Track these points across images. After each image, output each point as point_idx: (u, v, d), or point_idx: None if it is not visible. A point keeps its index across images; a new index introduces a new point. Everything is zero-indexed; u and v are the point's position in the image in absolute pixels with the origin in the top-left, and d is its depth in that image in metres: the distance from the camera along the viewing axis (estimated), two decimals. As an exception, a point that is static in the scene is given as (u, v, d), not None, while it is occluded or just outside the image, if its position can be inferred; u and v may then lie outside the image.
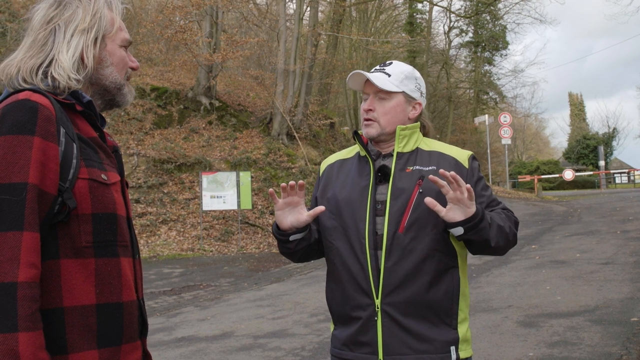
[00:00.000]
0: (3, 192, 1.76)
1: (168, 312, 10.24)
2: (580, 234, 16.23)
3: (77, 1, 2.09)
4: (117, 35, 2.16)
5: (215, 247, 17.93)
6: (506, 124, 36.09)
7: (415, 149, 2.72)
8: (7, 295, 1.68)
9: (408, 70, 2.79)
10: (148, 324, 2.17)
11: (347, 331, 2.66)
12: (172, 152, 21.26)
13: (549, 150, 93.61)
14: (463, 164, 2.68)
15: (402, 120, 2.73)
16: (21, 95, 1.88)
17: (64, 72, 2.00)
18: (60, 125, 1.91)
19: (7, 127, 1.82)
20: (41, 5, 2.11)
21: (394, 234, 2.56)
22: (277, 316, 9.28)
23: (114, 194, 2.02)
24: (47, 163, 1.83)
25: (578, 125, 79.70)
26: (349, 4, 35.05)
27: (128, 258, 2.07)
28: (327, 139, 28.20)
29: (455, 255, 2.63)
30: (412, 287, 2.53)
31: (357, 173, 2.74)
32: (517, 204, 26.20)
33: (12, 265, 1.70)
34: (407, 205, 2.57)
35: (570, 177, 40.73)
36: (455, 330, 2.60)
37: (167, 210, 19.27)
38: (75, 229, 1.89)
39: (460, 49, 52.85)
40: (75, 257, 1.89)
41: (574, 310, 8.19)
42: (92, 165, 1.98)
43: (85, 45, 2.06)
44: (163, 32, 24.74)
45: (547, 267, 11.59)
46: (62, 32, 2.05)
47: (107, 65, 2.13)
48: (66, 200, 1.87)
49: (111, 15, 2.14)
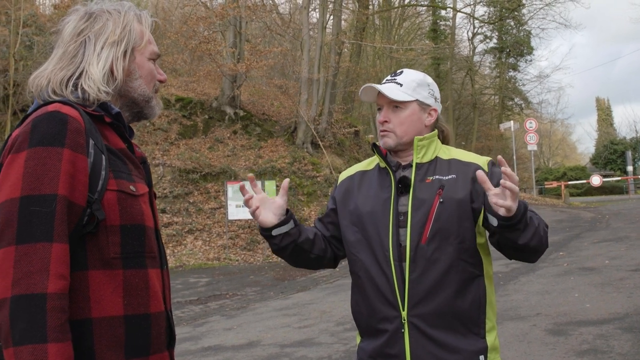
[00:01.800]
0: (33, 203, 1.77)
1: (194, 321, 10.27)
2: (609, 240, 16.03)
3: (107, 14, 2.11)
4: (146, 48, 2.18)
5: (241, 256, 17.95)
6: (532, 129, 35.86)
7: (434, 159, 2.71)
8: (36, 306, 1.68)
9: (419, 78, 2.77)
10: (176, 335, 2.18)
11: (374, 343, 2.64)
12: (198, 161, 21.34)
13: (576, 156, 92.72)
14: (483, 168, 2.64)
15: (418, 128, 2.72)
16: (51, 107, 1.90)
17: (94, 84, 2.02)
18: (90, 137, 1.93)
19: (37, 139, 1.83)
20: (71, 17, 2.13)
21: (417, 245, 2.55)
22: (304, 325, 9.26)
23: (142, 205, 2.04)
24: (76, 175, 1.85)
25: (605, 130, 78.92)
26: (372, 12, 35.11)
27: (156, 269, 2.08)
28: (351, 147, 28.16)
29: (480, 263, 2.62)
30: (438, 298, 2.52)
31: (379, 185, 2.73)
32: (544, 211, 25.96)
33: (41, 276, 1.71)
34: (428, 215, 2.56)
35: (598, 183, 40.34)
36: (483, 340, 2.58)
37: (193, 219, 19.33)
38: (103, 240, 1.90)
39: (484, 55, 52.65)
40: (104, 269, 1.90)
41: (604, 317, 8.08)
42: (121, 176, 1.99)
43: (115, 58, 2.08)
44: (187, 43, 24.88)
45: (576, 274, 11.45)
46: (92, 45, 2.07)
47: (135, 78, 2.15)
48: (95, 212, 1.88)
49: (140, 29, 2.17)
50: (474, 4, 45.88)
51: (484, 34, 50.41)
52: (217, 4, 27.53)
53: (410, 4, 42.61)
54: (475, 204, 2.57)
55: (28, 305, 1.68)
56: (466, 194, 2.58)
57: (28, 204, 1.77)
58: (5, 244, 1.74)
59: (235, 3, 23.89)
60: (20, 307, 1.68)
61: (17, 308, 1.68)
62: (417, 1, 43.32)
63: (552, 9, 49.24)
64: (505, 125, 39.33)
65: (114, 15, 2.12)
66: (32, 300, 1.68)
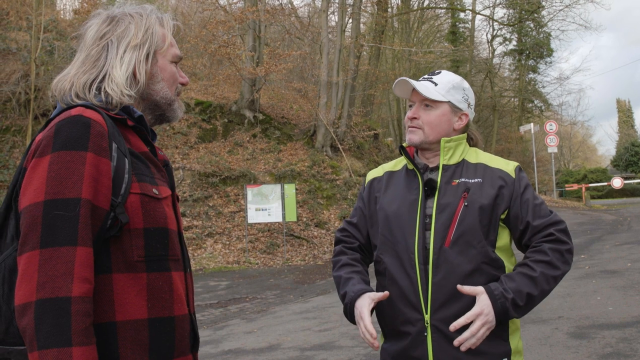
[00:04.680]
0: (57, 207, 1.78)
1: (215, 324, 10.29)
2: (630, 242, 15.87)
3: (129, 17, 2.12)
4: (168, 51, 2.18)
5: (260, 260, 17.98)
6: (552, 132, 35.67)
7: (461, 161, 2.70)
8: (61, 309, 1.69)
9: (456, 81, 2.76)
10: (199, 338, 2.17)
11: (397, 345, 2.64)
12: (217, 165, 21.42)
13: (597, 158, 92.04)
14: (510, 174, 2.64)
15: (446, 130, 2.71)
16: (74, 111, 1.91)
17: (117, 87, 2.03)
18: (113, 141, 1.93)
19: (60, 143, 1.84)
20: (94, 21, 2.13)
21: (440, 248, 2.54)
22: (324, 328, 9.25)
23: (165, 208, 2.04)
24: (99, 178, 1.86)
25: (626, 132, 78.35)
26: (390, 15, 35.05)
27: (179, 272, 2.08)
28: (371, 150, 28.16)
29: (503, 267, 2.60)
30: (461, 302, 2.50)
31: (406, 187, 2.72)
32: (565, 213, 25.80)
33: (65, 280, 1.72)
34: (452, 219, 2.55)
35: (619, 185, 39.95)
36: (506, 342, 2.57)
37: (213, 223, 19.39)
38: (127, 243, 1.91)
39: (504, 57, 52.41)
40: (128, 272, 1.90)
41: (627, 321, 8.01)
42: (144, 179, 2.00)
43: (137, 61, 2.08)
44: (206, 47, 24.99)
45: (597, 277, 11.35)
46: (114, 48, 2.07)
47: (158, 81, 2.15)
48: (118, 215, 1.88)
49: (162, 32, 2.18)
50: (493, 6, 45.78)
51: (504, 36, 50.19)
52: (237, 8, 27.65)
53: (429, 6, 42.56)
54: (499, 210, 2.57)
55: (53, 308, 1.69)
56: (491, 198, 2.57)
57: (52, 207, 1.77)
58: (30, 248, 1.75)
59: (254, 7, 23.98)
60: (44, 310, 1.69)
61: (41, 312, 1.68)
62: (436, 4, 43.29)
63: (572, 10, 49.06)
64: (525, 128, 39.16)
65: (136, 18, 2.12)
66: (57, 304, 1.69)
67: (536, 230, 2.58)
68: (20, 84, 20.73)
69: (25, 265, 1.74)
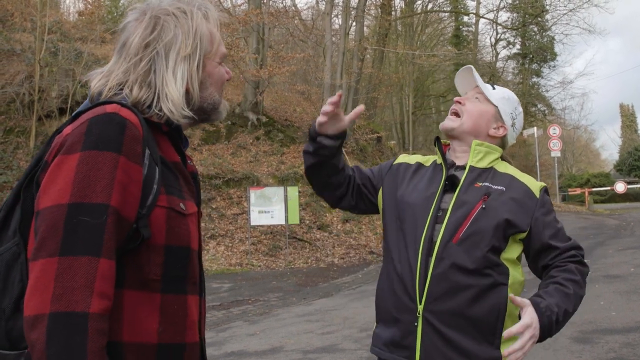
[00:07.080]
0: (83, 212, 1.61)
1: (217, 326, 10.29)
2: (634, 247, 15.86)
3: (173, 19, 1.91)
4: (216, 53, 2.01)
5: (263, 262, 17.97)
6: (555, 136, 35.63)
7: (489, 167, 2.73)
8: (77, 326, 1.53)
9: (512, 96, 2.85)
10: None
11: (388, 332, 2.65)
12: (220, 167, 21.41)
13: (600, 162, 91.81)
14: (534, 193, 2.66)
15: (482, 130, 2.76)
16: (109, 108, 1.73)
17: (175, 108, 1.86)
18: (146, 147, 1.77)
19: (93, 141, 1.66)
20: (133, 23, 1.94)
21: (447, 242, 2.55)
22: (327, 331, 9.25)
23: (189, 226, 1.87)
24: (129, 186, 1.69)
25: (629, 136, 78.29)
26: (394, 18, 35.08)
27: (195, 296, 1.91)
28: (374, 153, 28.15)
29: (506, 273, 2.60)
30: (456, 299, 2.51)
31: (428, 180, 2.74)
32: (567, 218, 25.76)
33: (84, 293, 1.55)
34: (467, 216, 2.56)
35: (622, 189, 39.90)
36: (497, 350, 2.56)
37: (216, 225, 19.39)
38: (144, 259, 1.74)
39: (507, 61, 52.27)
40: (141, 290, 1.73)
41: (630, 326, 8.00)
42: (172, 192, 1.83)
43: (189, 75, 1.90)
44: (210, 49, 24.96)
45: (601, 281, 11.34)
46: (162, 60, 1.88)
47: (206, 87, 1.98)
48: (141, 229, 1.71)
49: (209, 30, 1.98)
50: (496, 10, 45.71)
51: (507, 39, 50.10)
52: (241, 11, 27.68)
53: (433, 9, 42.57)
54: (514, 223, 2.57)
55: (67, 324, 1.53)
56: (509, 208, 2.58)
57: (77, 212, 1.60)
58: (47, 254, 1.57)
59: (258, 9, 24.01)
60: (58, 325, 1.52)
61: (54, 326, 1.52)
62: (440, 7, 43.29)
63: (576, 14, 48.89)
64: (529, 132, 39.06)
65: (181, 20, 1.91)
66: (72, 319, 1.53)
67: (561, 251, 2.64)
68: (24, 85, 20.77)
69: (40, 272, 1.56)
